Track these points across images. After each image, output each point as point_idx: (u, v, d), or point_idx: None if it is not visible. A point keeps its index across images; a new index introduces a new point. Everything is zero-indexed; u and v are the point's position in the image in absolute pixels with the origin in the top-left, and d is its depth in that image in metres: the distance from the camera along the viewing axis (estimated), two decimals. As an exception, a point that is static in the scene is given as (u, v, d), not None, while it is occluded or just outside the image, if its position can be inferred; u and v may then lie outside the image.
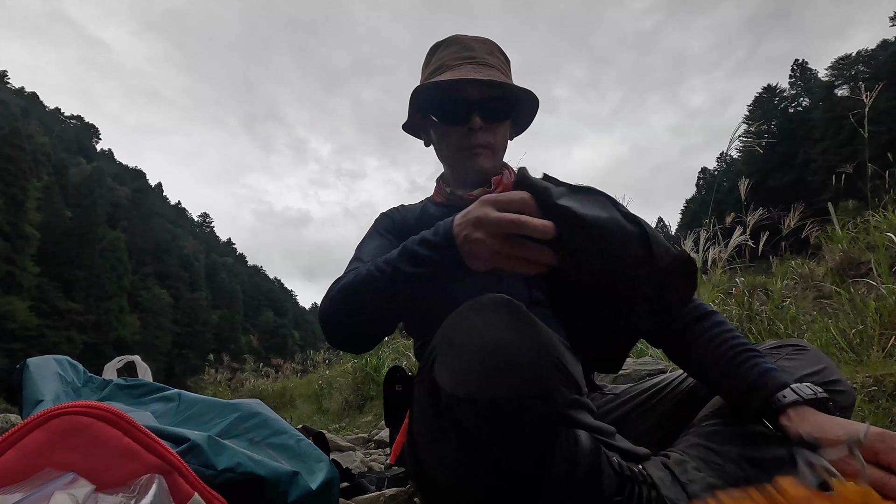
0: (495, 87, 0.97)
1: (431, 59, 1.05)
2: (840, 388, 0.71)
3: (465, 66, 0.97)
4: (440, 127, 1.02)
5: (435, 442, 0.74)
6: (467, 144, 0.99)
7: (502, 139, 1.04)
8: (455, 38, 1.03)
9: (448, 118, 1.00)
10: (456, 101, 0.97)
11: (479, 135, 0.98)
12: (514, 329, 0.60)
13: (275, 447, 0.81)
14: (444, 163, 1.08)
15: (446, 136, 1.02)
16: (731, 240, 3.50)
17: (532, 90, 1.01)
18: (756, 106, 45.60)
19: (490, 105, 0.97)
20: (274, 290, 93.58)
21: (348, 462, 1.86)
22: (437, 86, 0.97)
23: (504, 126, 1.03)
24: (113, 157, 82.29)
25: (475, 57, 0.99)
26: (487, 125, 0.98)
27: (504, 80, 0.97)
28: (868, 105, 3.42)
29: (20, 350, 33.49)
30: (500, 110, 1.00)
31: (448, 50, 1.02)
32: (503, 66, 1.04)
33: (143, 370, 1.16)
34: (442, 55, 1.02)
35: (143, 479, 0.52)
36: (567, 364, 0.62)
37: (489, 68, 0.99)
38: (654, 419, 0.87)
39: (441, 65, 1.00)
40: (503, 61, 1.05)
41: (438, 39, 1.06)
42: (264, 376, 9.94)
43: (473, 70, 0.96)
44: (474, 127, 0.97)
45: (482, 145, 0.99)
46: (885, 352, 2.22)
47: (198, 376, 11.64)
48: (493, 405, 0.58)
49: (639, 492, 0.60)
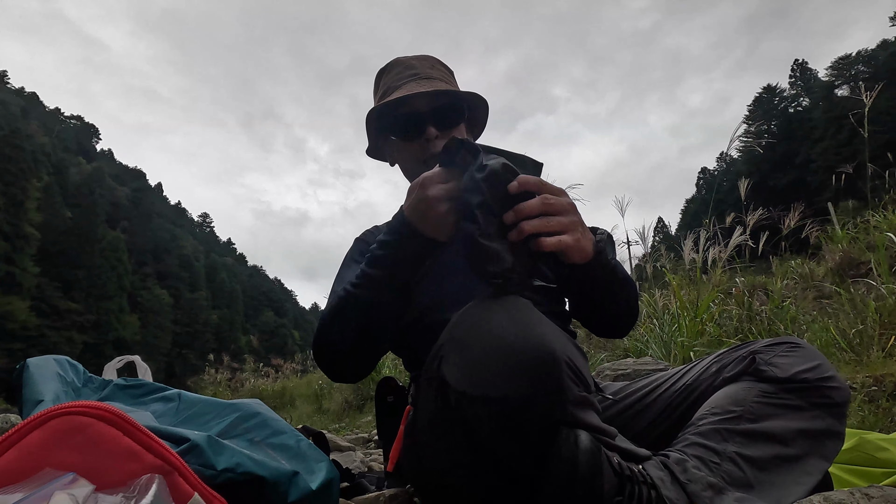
0: (442, 96, 1.03)
1: (379, 84, 1.11)
2: (834, 384, 0.72)
3: (409, 84, 1.03)
4: (399, 144, 1.07)
5: (438, 441, 0.74)
6: (427, 154, 1.03)
7: None
8: (396, 60, 1.10)
9: (404, 134, 1.05)
10: (407, 116, 1.03)
11: (437, 143, 1.02)
12: (525, 327, 0.61)
13: (275, 447, 0.81)
14: (411, 178, 1.11)
15: (406, 151, 1.06)
16: (731, 240, 3.50)
17: (479, 93, 1.08)
18: (756, 106, 45.60)
19: (441, 113, 1.03)
20: (274, 290, 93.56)
21: (348, 462, 1.86)
22: (387, 106, 1.03)
23: (459, 131, 1.08)
24: (113, 157, 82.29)
25: (418, 73, 1.05)
26: (443, 133, 1.03)
27: (448, 88, 1.03)
28: (868, 105, 3.42)
29: (20, 350, 33.48)
30: (452, 116, 1.05)
31: (392, 73, 1.08)
32: (447, 77, 1.10)
33: (143, 370, 1.16)
34: (387, 79, 1.08)
35: (143, 479, 0.52)
36: (577, 362, 0.63)
37: (432, 80, 1.04)
38: (650, 417, 0.87)
39: (388, 88, 1.06)
40: (446, 72, 1.12)
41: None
42: (264, 376, 9.95)
43: (418, 85, 1.02)
44: (430, 137, 1.01)
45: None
46: (885, 352, 2.22)
47: (198, 376, 11.64)
48: (504, 403, 0.59)
49: (638, 492, 0.60)
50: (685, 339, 2.86)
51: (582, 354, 0.83)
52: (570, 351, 0.63)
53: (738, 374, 0.77)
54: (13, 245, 39.88)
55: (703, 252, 3.55)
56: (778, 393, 0.71)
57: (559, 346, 0.60)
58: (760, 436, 0.68)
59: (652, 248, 4.10)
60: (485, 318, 0.63)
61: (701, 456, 0.66)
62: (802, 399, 0.70)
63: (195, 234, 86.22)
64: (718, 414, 0.71)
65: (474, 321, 0.64)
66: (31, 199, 42.63)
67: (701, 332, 2.94)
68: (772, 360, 0.74)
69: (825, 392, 0.71)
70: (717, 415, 0.71)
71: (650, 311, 3.44)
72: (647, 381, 0.93)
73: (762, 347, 0.78)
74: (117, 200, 62.34)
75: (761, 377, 0.73)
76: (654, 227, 20.16)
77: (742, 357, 0.78)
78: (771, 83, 46.03)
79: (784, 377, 0.72)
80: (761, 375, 0.74)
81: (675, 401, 0.85)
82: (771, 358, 0.75)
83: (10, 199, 40.14)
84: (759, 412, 0.70)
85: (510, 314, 0.63)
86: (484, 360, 0.60)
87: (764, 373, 0.73)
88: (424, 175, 0.77)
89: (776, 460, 0.66)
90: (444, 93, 1.03)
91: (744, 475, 0.64)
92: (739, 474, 0.64)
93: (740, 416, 0.70)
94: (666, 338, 3.00)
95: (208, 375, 10.10)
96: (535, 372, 0.58)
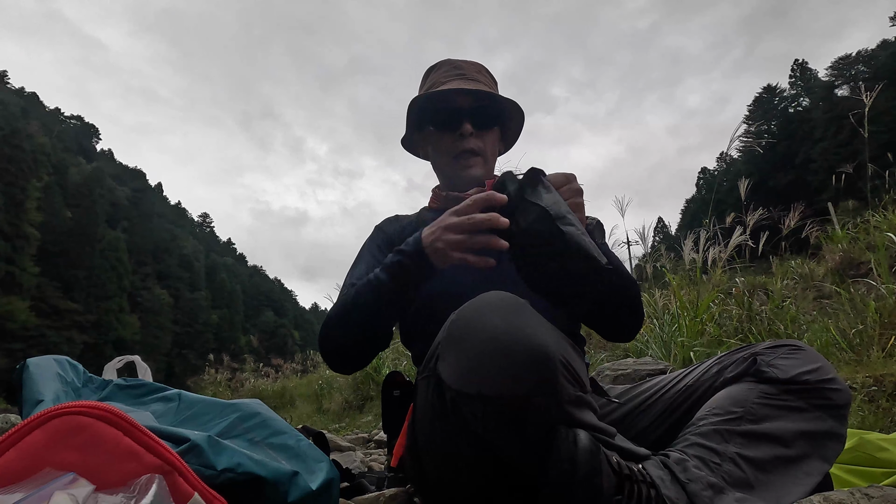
0: (483, 98, 1.09)
1: (426, 80, 1.17)
2: (835, 386, 0.72)
3: (455, 81, 1.09)
4: (434, 135, 1.12)
5: (437, 440, 0.74)
6: (460, 149, 1.07)
7: (492, 147, 1.13)
8: (447, 60, 1.16)
9: (441, 125, 1.10)
10: (448, 109, 1.08)
11: (470, 140, 1.07)
12: (521, 326, 0.61)
13: (275, 447, 0.81)
14: (440, 172, 1.17)
15: (440, 143, 1.11)
16: (731, 240, 3.50)
17: (518, 101, 1.12)
18: (756, 106, 45.57)
19: (479, 113, 1.08)
20: (274, 290, 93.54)
21: (348, 462, 1.86)
22: (430, 97, 1.09)
23: (493, 134, 1.13)
24: (113, 157, 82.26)
25: (464, 74, 1.12)
26: (477, 132, 1.08)
27: (490, 91, 1.09)
28: (868, 105, 3.42)
29: (20, 350, 33.42)
30: (489, 118, 1.10)
31: (440, 71, 1.14)
32: (490, 84, 1.16)
33: (143, 370, 1.16)
34: (435, 76, 1.14)
35: (143, 479, 0.52)
36: (572, 362, 0.63)
37: (477, 83, 1.10)
38: (651, 417, 0.87)
39: (434, 82, 1.12)
40: (490, 80, 1.17)
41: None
42: (264, 376, 9.95)
43: (464, 83, 1.08)
44: (465, 133, 1.07)
45: (473, 151, 1.08)
46: (885, 352, 2.22)
47: (198, 376, 11.64)
48: (500, 402, 0.59)
49: (638, 491, 0.60)
50: (685, 339, 2.86)
51: (579, 354, 0.84)
52: (566, 350, 0.63)
53: (739, 375, 0.77)
54: (13, 245, 39.86)
55: (703, 252, 3.55)
56: (779, 394, 0.71)
57: (554, 345, 0.61)
58: (761, 437, 0.68)
59: (652, 248, 4.10)
60: (480, 317, 0.64)
61: (701, 456, 0.66)
62: (803, 400, 0.70)
63: (195, 234, 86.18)
64: (719, 414, 0.71)
65: (470, 320, 0.64)
66: (31, 199, 42.60)
67: (701, 332, 2.94)
68: (773, 361, 0.74)
69: (826, 394, 0.71)
70: (718, 415, 0.71)
71: (650, 311, 3.44)
72: (649, 385, 0.93)
73: (763, 349, 0.78)
74: (117, 200, 62.32)
75: (762, 378, 0.73)
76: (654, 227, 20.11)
77: (743, 358, 0.79)
78: (770, 83, 46.04)
79: (785, 378, 0.72)
80: (762, 377, 0.74)
81: (676, 401, 0.85)
82: (772, 359, 0.75)
83: (10, 199, 40.12)
84: (760, 413, 0.70)
85: (506, 313, 0.63)
86: (479, 358, 0.61)
87: (765, 374, 0.73)
88: (454, 210, 0.82)
89: (777, 461, 0.66)
90: (486, 94, 1.09)
91: (744, 475, 0.64)
92: (740, 475, 0.64)
93: (741, 417, 0.70)
94: (666, 338, 3.00)
95: (208, 375, 10.10)
96: (529, 370, 0.58)
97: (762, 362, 0.75)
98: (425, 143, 1.17)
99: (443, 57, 1.22)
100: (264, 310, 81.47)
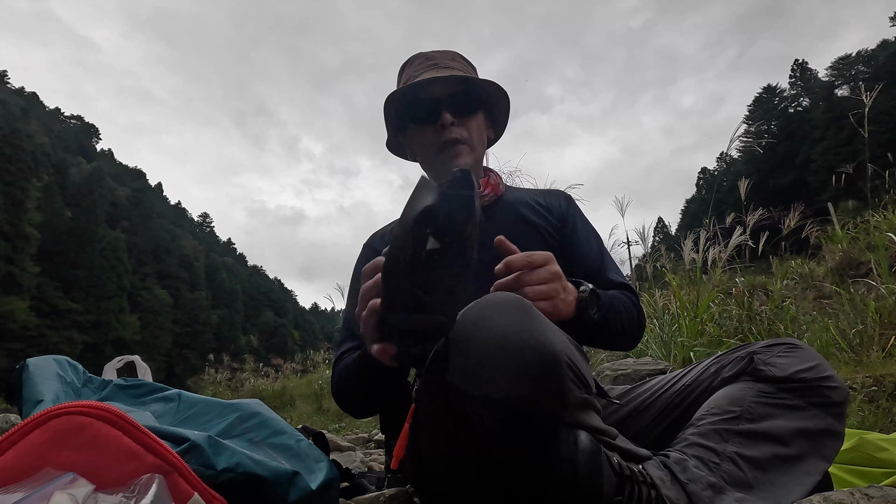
0: (459, 83, 1.03)
1: (401, 76, 1.12)
2: (832, 384, 0.72)
3: (428, 72, 1.04)
4: (414, 131, 1.07)
5: (438, 441, 0.74)
6: (442, 141, 1.02)
7: (478, 134, 1.08)
8: (419, 54, 1.11)
9: (419, 119, 1.05)
10: (423, 101, 1.03)
11: (453, 130, 1.02)
12: (527, 328, 0.60)
13: (275, 447, 0.81)
14: (428, 169, 1.11)
15: (421, 138, 1.06)
16: (731, 240, 3.51)
17: (497, 82, 1.06)
18: (756, 106, 45.56)
19: (457, 100, 1.03)
20: (274, 290, 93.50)
21: (348, 462, 1.86)
22: (403, 93, 1.04)
23: (477, 120, 1.07)
24: (113, 157, 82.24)
25: (437, 63, 1.06)
26: (459, 119, 1.03)
27: (464, 75, 1.03)
28: (868, 105, 3.43)
29: (20, 350, 33.43)
30: (468, 104, 1.05)
31: (413, 65, 1.09)
32: (467, 69, 1.10)
33: (143, 370, 1.16)
34: (409, 71, 1.09)
35: (143, 478, 0.52)
36: (578, 364, 0.63)
37: (451, 69, 1.04)
38: (650, 417, 0.88)
39: (408, 78, 1.07)
40: (466, 65, 1.11)
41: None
42: (264, 376, 9.95)
43: (436, 72, 1.03)
44: (445, 123, 1.01)
45: (458, 140, 1.03)
46: (885, 352, 2.22)
47: (198, 376, 11.65)
48: (506, 404, 0.58)
49: (638, 491, 0.60)
50: (685, 339, 2.87)
51: (583, 355, 0.83)
52: (572, 352, 0.63)
53: (736, 374, 0.77)
54: (13, 245, 39.85)
55: (703, 252, 3.55)
56: (776, 393, 0.71)
57: (561, 346, 0.60)
58: (760, 436, 0.68)
59: (652, 248, 4.10)
60: (486, 319, 0.63)
61: (701, 456, 0.66)
62: (801, 398, 0.71)
63: (195, 234, 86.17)
64: (718, 414, 0.71)
65: (476, 321, 0.64)
66: (31, 199, 42.60)
67: (701, 332, 2.94)
68: (770, 360, 0.74)
69: (823, 391, 0.71)
70: (717, 415, 0.71)
71: (650, 311, 3.44)
72: (649, 385, 0.93)
73: (760, 348, 0.78)
74: (117, 200, 62.31)
75: (760, 377, 0.73)
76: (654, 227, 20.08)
77: (740, 357, 0.79)
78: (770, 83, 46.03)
79: (782, 377, 0.72)
80: (759, 375, 0.74)
81: (675, 401, 0.85)
82: (769, 358, 0.75)
83: (10, 199, 40.11)
84: (758, 412, 0.70)
85: (512, 315, 0.62)
86: (485, 360, 0.60)
87: (762, 372, 0.73)
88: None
89: (776, 460, 0.66)
90: (461, 79, 1.03)
91: (744, 475, 0.64)
92: (739, 474, 0.64)
93: (739, 416, 0.70)
94: (666, 338, 3.00)
95: (208, 375, 10.10)
96: (537, 373, 0.58)
97: (759, 361, 0.75)
98: (409, 142, 1.12)
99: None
100: (264, 310, 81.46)
